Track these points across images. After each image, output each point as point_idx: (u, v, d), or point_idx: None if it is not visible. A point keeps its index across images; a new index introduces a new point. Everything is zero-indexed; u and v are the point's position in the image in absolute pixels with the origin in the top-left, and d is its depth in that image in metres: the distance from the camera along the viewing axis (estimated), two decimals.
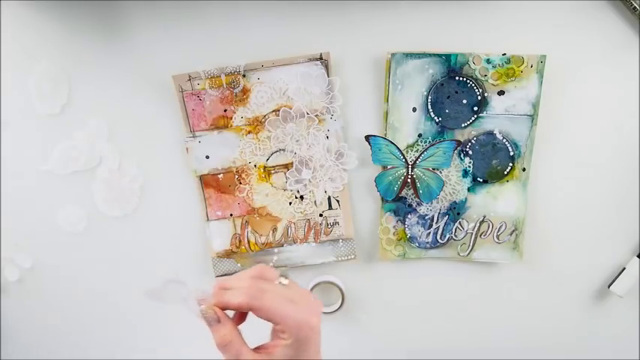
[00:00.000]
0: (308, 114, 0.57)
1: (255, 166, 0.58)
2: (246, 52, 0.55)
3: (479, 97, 0.56)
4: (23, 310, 0.63)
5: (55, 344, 0.65)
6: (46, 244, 0.61)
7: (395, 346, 0.66)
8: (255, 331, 0.39)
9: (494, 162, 0.58)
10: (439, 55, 0.55)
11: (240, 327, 0.40)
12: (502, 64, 0.55)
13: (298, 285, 0.41)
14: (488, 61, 0.55)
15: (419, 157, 0.57)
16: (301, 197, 0.59)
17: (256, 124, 0.57)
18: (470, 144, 0.57)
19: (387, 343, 0.66)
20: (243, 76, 0.55)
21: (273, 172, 0.59)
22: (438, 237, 0.60)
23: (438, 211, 0.59)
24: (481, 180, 0.58)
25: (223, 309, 0.39)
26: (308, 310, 0.38)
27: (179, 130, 0.57)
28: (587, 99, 0.57)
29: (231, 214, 0.59)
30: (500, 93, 0.56)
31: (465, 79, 0.55)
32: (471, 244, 0.60)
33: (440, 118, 0.57)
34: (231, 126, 0.57)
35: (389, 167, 0.58)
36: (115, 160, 0.59)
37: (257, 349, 0.40)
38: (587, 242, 0.61)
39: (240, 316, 0.41)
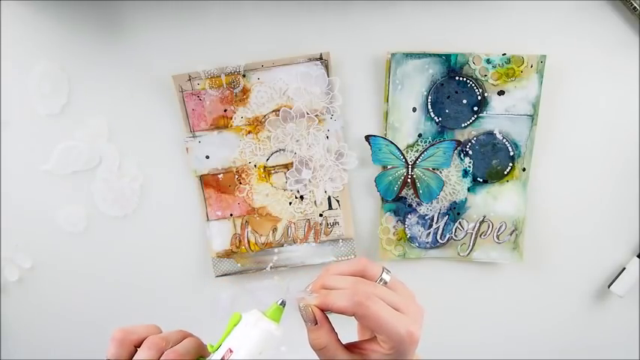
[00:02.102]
0: (308, 114, 0.57)
1: (255, 166, 0.58)
2: (246, 52, 0.55)
3: (479, 97, 0.56)
4: (23, 310, 0.63)
5: (55, 344, 0.65)
6: (46, 244, 0.61)
7: None
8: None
9: (494, 162, 0.58)
10: (439, 55, 0.55)
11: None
12: (502, 64, 0.55)
13: (399, 281, 0.40)
14: (488, 61, 0.55)
15: (419, 157, 0.57)
16: (301, 197, 0.59)
17: (256, 124, 0.57)
18: (470, 144, 0.57)
19: None
20: (243, 76, 0.55)
21: (273, 172, 0.59)
22: (438, 237, 0.60)
23: (438, 211, 0.59)
24: (481, 180, 0.58)
25: (324, 310, 0.37)
26: (412, 320, 0.36)
27: (179, 130, 0.57)
28: (587, 99, 0.57)
29: (231, 214, 0.59)
30: (500, 93, 0.56)
31: (465, 79, 0.55)
32: (471, 244, 0.60)
33: (440, 118, 0.57)
34: (231, 126, 0.57)
35: (389, 167, 0.58)
36: (115, 160, 0.59)
37: (351, 348, 0.38)
38: (587, 242, 0.61)
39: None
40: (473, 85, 0.56)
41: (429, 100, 0.56)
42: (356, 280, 0.37)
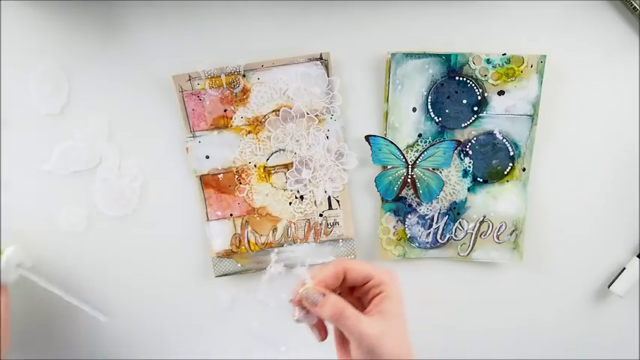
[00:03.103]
0: (308, 114, 0.57)
1: (255, 166, 0.58)
2: (246, 52, 0.55)
3: (479, 97, 0.56)
4: (23, 310, 0.63)
5: (55, 344, 0.65)
6: (46, 244, 0.61)
7: None
8: None
9: (494, 162, 0.58)
10: (439, 55, 0.55)
11: None
12: (502, 64, 0.55)
13: None
14: (488, 61, 0.55)
15: (419, 157, 0.57)
16: (301, 197, 0.59)
17: (256, 124, 0.57)
18: (470, 144, 0.57)
19: None
20: (243, 76, 0.56)
21: (273, 172, 0.59)
22: (438, 237, 0.60)
23: (438, 211, 0.59)
24: (481, 180, 0.58)
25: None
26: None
27: (179, 130, 0.57)
28: (587, 99, 0.57)
29: (231, 214, 0.59)
30: (500, 93, 0.56)
31: (465, 79, 0.55)
32: (471, 244, 0.60)
33: (440, 118, 0.57)
34: (231, 126, 0.57)
35: (389, 167, 0.58)
36: (115, 160, 0.59)
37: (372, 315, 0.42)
38: (587, 242, 0.61)
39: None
40: (473, 85, 0.56)
41: (429, 100, 0.56)
42: None
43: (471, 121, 0.57)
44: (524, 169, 0.58)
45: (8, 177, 0.59)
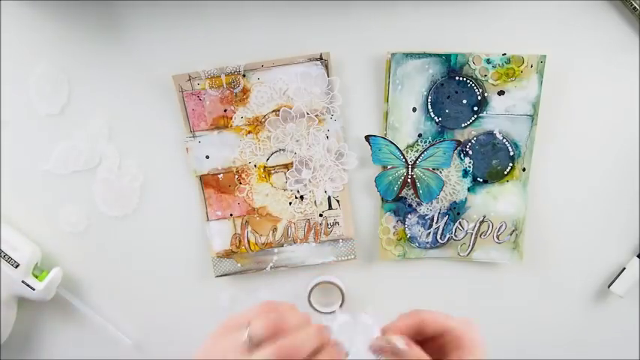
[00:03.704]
0: (308, 114, 0.57)
1: (255, 166, 0.58)
2: (246, 52, 0.55)
3: (479, 97, 0.56)
4: (23, 309, 0.63)
5: (55, 344, 0.65)
6: (46, 244, 0.61)
7: None
8: None
9: (494, 162, 0.58)
10: (439, 55, 0.55)
11: None
12: (502, 64, 0.55)
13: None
14: (488, 61, 0.55)
15: (419, 157, 0.57)
16: (301, 197, 0.59)
17: (256, 124, 0.57)
18: (470, 144, 0.57)
19: None
20: (243, 76, 0.55)
21: (273, 172, 0.59)
22: (438, 237, 0.60)
23: (438, 211, 0.59)
24: (481, 180, 0.58)
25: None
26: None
27: (179, 130, 0.57)
28: (587, 99, 0.57)
29: (231, 214, 0.59)
30: (500, 93, 0.56)
31: (465, 79, 0.55)
32: (471, 244, 0.60)
33: (440, 118, 0.57)
34: (231, 126, 0.57)
35: (389, 167, 0.58)
36: (115, 160, 0.59)
37: None
38: (587, 242, 0.61)
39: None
40: (473, 85, 0.56)
41: (429, 100, 0.56)
42: None
43: (470, 121, 0.57)
44: (524, 169, 0.58)
45: (8, 177, 0.59)
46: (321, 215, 0.60)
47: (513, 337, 0.65)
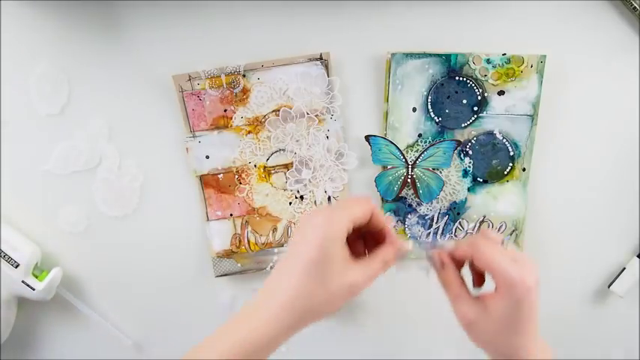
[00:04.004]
0: (308, 114, 0.57)
1: (255, 166, 0.58)
2: (246, 52, 0.55)
3: (479, 97, 0.56)
4: (23, 309, 0.63)
5: (55, 344, 0.65)
6: (46, 244, 0.61)
7: (395, 346, 0.66)
8: None
9: (494, 162, 0.58)
10: (439, 55, 0.55)
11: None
12: (502, 64, 0.55)
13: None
14: (488, 61, 0.55)
15: (419, 157, 0.57)
16: (301, 197, 0.59)
17: (256, 124, 0.57)
18: (470, 144, 0.57)
19: (387, 343, 0.66)
20: (243, 76, 0.55)
21: (273, 172, 0.59)
22: (438, 237, 0.60)
23: (438, 211, 0.59)
24: (481, 180, 0.58)
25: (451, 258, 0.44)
26: (525, 270, 0.39)
27: (179, 130, 0.57)
28: (587, 99, 0.57)
29: (231, 214, 0.59)
30: (500, 93, 0.56)
31: (465, 79, 0.55)
32: None
33: (440, 118, 0.57)
34: (231, 126, 0.57)
35: (389, 167, 0.58)
36: (115, 160, 0.59)
37: (477, 299, 0.43)
38: (587, 242, 0.61)
39: (479, 278, 0.45)
40: (473, 85, 0.56)
41: (429, 100, 0.56)
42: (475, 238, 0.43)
43: (471, 121, 0.57)
44: (524, 169, 0.58)
45: (8, 177, 0.59)
46: None
47: None
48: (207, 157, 0.58)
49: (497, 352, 0.44)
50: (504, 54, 0.55)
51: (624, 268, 0.61)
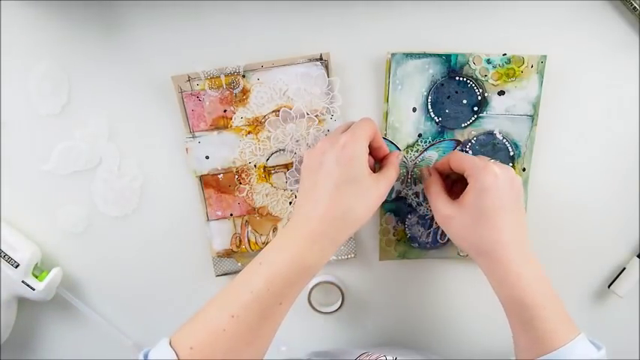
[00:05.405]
0: (308, 114, 0.57)
1: (255, 166, 0.58)
2: (245, 52, 0.55)
3: (479, 97, 0.56)
4: (22, 310, 0.63)
5: (54, 344, 0.65)
6: (46, 244, 0.61)
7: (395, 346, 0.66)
8: None
9: None
10: (439, 55, 0.55)
11: None
12: (502, 64, 0.55)
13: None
14: (488, 61, 0.55)
15: (419, 157, 0.57)
16: None
17: (256, 125, 0.57)
18: (470, 144, 0.57)
19: (387, 344, 0.66)
20: (243, 76, 0.55)
21: (273, 172, 0.59)
22: (438, 237, 0.60)
23: None
24: None
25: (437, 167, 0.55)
26: (493, 163, 0.47)
27: (179, 130, 0.57)
28: (587, 99, 0.57)
29: (231, 214, 0.59)
30: (501, 93, 0.56)
31: (465, 79, 0.55)
32: None
33: (440, 118, 0.57)
34: (230, 126, 0.57)
35: None
36: (115, 160, 0.59)
37: (454, 200, 0.49)
38: (587, 242, 0.61)
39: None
40: (473, 85, 0.56)
41: (429, 100, 0.56)
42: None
43: (471, 121, 0.57)
44: (524, 169, 0.58)
45: (8, 177, 0.59)
46: None
47: None
48: (207, 157, 0.58)
49: (472, 247, 0.49)
50: (505, 54, 0.54)
51: (624, 268, 0.61)
